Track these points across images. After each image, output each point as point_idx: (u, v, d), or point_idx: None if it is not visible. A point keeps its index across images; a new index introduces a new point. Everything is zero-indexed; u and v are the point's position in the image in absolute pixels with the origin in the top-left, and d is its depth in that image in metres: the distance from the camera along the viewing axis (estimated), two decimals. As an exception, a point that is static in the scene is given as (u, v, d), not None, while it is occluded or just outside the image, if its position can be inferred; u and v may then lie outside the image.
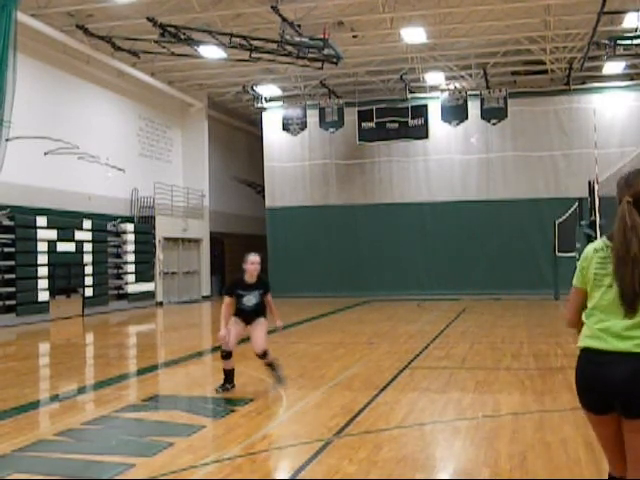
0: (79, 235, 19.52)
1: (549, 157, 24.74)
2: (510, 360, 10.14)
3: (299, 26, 18.05)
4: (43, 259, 17.98)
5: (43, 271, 17.94)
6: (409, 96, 25.21)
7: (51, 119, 19.13)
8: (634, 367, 2.98)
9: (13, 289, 17.03)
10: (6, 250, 16.98)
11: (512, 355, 10.63)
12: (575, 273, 3.28)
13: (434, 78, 24.50)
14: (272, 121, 26.71)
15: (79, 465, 5.28)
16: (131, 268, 22.02)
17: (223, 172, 28.52)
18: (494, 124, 24.34)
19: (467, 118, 24.28)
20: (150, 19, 17.54)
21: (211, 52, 19.83)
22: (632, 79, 24.58)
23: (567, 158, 24.49)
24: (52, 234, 18.36)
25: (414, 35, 19.53)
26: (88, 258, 19.84)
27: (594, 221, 12.55)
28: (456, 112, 24.32)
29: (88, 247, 19.88)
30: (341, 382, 8.47)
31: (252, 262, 7.69)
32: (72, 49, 19.43)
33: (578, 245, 14.01)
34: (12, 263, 17.14)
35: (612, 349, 3.03)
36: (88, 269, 19.80)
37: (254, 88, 25.73)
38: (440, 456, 5.51)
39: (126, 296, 21.74)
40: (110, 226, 21.31)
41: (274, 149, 27.04)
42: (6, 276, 16.97)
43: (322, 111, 25.37)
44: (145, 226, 23.02)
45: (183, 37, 18.43)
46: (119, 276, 21.76)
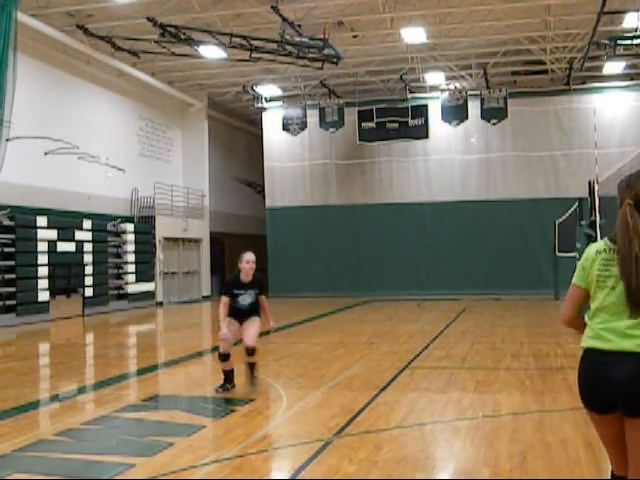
0: (79, 235, 19.53)
1: (549, 157, 24.74)
2: (510, 360, 10.14)
3: (299, 26, 18.05)
4: (43, 259, 17.98)
5: (43, 271, 17.95)
6: (409, 96, 25.21)
7: (51, 119, 19.13)
8: (636, 367, 3.00)
9: (13, 289, 17.03)
10: (6, 250, 16.98)
11: (512, 355, 10.63)
12: (575, 272, 3.29)
13: (434, 78, 24.49)
14: (272, 121, 26.71)
15: (79, 465, 5.28)
16: (131, 268, 22.03)
17: (223, 172, 28.53)
18: (494, 124, 24.34)
19: (467, 118, 24.29)
20: (150, 19, 17.55)
21: (211, 52, 19.84)
22: (632, 79, 24.58)
23: (567, 158, 24.49)
24: (52, 234, 18.37)
25: (414, 35, 19.54)
26: (88, 258, 19.85)
27: (594, 221, 12.53)
28: (456, 112, 24.32)
29: (88, 247, 19.89)
30: (341, 382, 8.47)
31: (247, 261, 7.65)
32: (72, 49, 19.44)
33: (578, 245, 14.00)
34: (12, 263, 17.15)
35: (615, 349, 3.05)
36: (88, 269, 19.81)
37: (254, 88, 25.73)
38: (440, 456, 5.51)
39: (126, 296, 21.74)
40: (110, 226, 21.32)
41: (274, 149, 27.05)
42: (6, 276, 16.97)
43: (322, 111, 25.38)
44: (145, 226, 23.02)
45: (183, 37, 18.44)
46: (119, 276, 21.77)
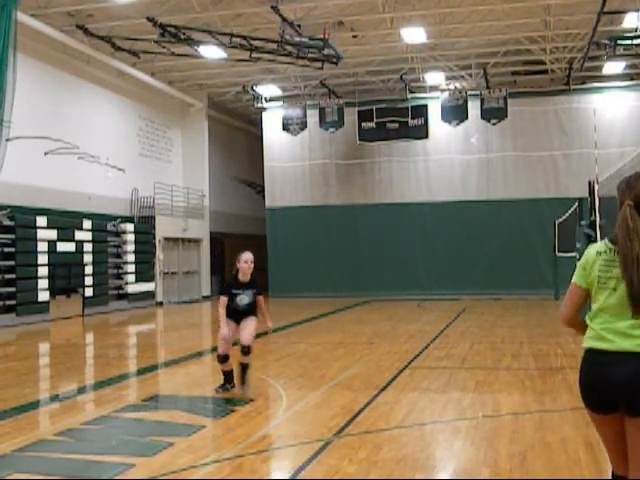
0: (79, 235, 19.53)
1: (549, 157, 24.74)
2: (510, 360, 10.14)
3: (299, 26, 18.05)
4: (43, 259, 17.98)
5: (43, 271, 17.95)
6: (409, 96, 25.21)
7: (51, 119, 19.13)
8: (637, 366, 3.01)
9: (13, 289, 17.03)
10: (6, 250, 16.98)
11: (512, 355, 10.63)
12: (576, 271, 3.29)
13: (434, 78, 24.49)
14: (272, 121, 26.71)
15: (79, 465, 5.28)
16: (131, 268, 22.02)
17: (223, 172, 28.53)
18: (494, 124, 24.34)
19: (467, 118, 24.28)
20: (150, 19, 17.55)
21: (211, 52, 19.83)
22: (632, 79, 24.58)
23: (567, 158, 24.49)
24: (52, 234, 18.37)
25: (414, 35, 19.54)
26: (88, 258, 19.84)
27: (594, 221, 12.53)
28: (456, 112, 24.31)
29: (88, 247, 19.88)
30: (341, 382, 8.47)
31: (245, 260, 7.59)
32: (72, 49, 19.44)
33: (578, 245, 13.97)
34: (12, 263, 17.15)
35: (616, 349, 3.07)
36: (88, 269, 19.81)
37: (254, 88, 25.73)
38: (440, 456, 5.51)
39: (126, 296, 21.74)
40: (110, 226, 21.31)
41: (274, 149, 27.05)
42: (6, 276, 16.97)
43: (322, 111, 25.38)
44: (145, 226, 23.02)
45: (183, 37, 18.44)
46: (119, 276, 21.77)
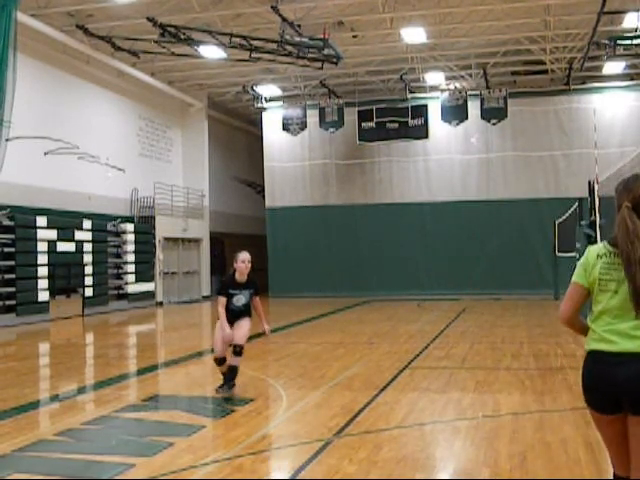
0: (79, 235, 19.52)
1: (549, 157, 24.74)
2: (510, 360, 10.14)
3: (299, 26, 18.05)
4: (43, 259, 17.98)
5: (43, 271, 17.95)
6: (409, 96, 25.21)
7: (51, 119, 19.13)
8: (638, 368, 3.03)
9: (13, 289, 17.03)
10: (6, 250, 16.98)
11: (512, 355, 10.63)
12: (576, 271, 3.29)
13: (434, 78, 24.49)
14: (272, 121, 26.71)
15: (79, 465, 5.28)
16: (131, 268, 22.02)
17: (223, 172, 28.53)
18: (494, 124, 24.34)
19: (467, 118, 24.28)
20: (150, 19, 17.55)
21: (211, 52, 19.83)
22: (632, 79, 24.57)
23: (567, 158, 24.49)
24: (52, 234, 18.37)
25: (414, 35, 19.53)
26: (88, 258, 19.84)
27: (594, 221, 12.54)
28: (456, 112, 24.31)
29: (88, 247, 19.88)
30: (341, 382, 8.47)
31: (243, 260, 7.54)
32: (72, 49, 19.43)
33: (578, 245, 13.99)
34: (12, 263, 17.15)
35: (620, 350, 3.08)
36: (88, 269, 19.81)
37: (254, 88, 25.72)
38: (440, 456, 5.51)
39: (126, 296, 21.74)
40: (110, 226, 21.31)
41: (274, 149, 27.04)
42: (6, 276, 16.97)
43: (322, 111, 25.37)
44: (145, 226, 23.02)
45: (183, 37, 18.44)
46: (119, 276, 21.76)
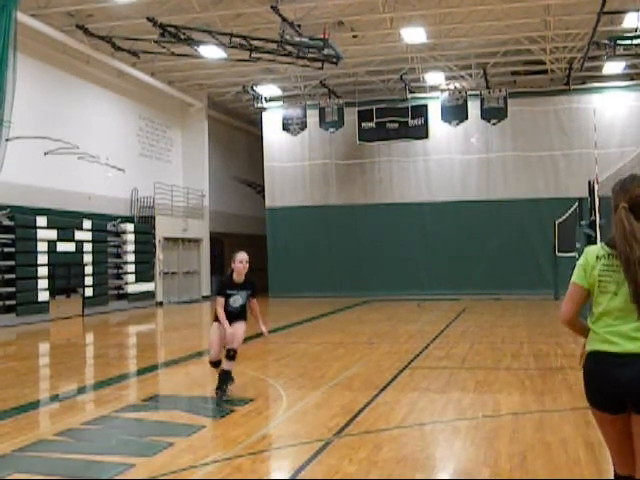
0: (79, 235, 19.52)
1: (549, 157, 24.74)
2: (510, 360, 10.14)
3: (299, 26, 18.05)
4: (43, 259, 17.98)
5: (43, 271, 17.95)
6: (409, 96, 25.21)
7: (51, 119, 19.13)
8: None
9: (13, 289, 17.03)
10: (6, 250, 16.98)
11: (512, 355, 10.63)
12: (575, 271, 3.29)
13: (434, 78, 24.49)
14: (272, 121, 26.71)
15: (79, 465, 5.28)
16: (131, 268, 22.02)
17: (223, 172, 28.53)
18: (494, 124, 24.33)
19: (467, 118, 24.28)
20: (150, 19, 17.55)
21: (211, 52, 19.83)
22: (632, 79, 24.57)
23: (567, 158, 24.49)
24: (52, 234, 18.37)
25: (414, 35, 19.53)
26: (88, 258, 19.84)
27: (594, 221, 12.54)
28: (456, 112, 24.31)
29: (88, 247, 19.88)
30: (341, 382, 8.47)
31: (240, 260, 7.48)
32: (72, 49, 19.43)
33: (578, 245, 13.99)
34: (12, 263, 17.15)
35: (622, 351, 3.09)
36: (88, 269, 19.81)
37: (254, 88, 25.72)
38: (440, 456, 5.51)
39: (126, 296, 21.74)
40: (110, 226, 21.31)
41: (274, 149, 27.04)
42: (6, 276, 16.97)
43: (322, 111, 25.37)
44: (145, 226, 23.02)
45: (183, 37, 18.43)
46: (119, 276, 21.76)
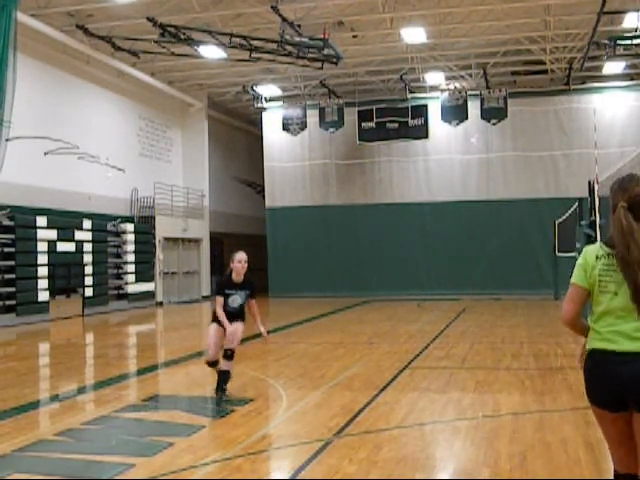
0: (79, 235, 19.52)
1: (549, 157, 24.74)
2: (510, 360, 10.13)
3: (299, 26, 18.04)
4: (43, 259, 17.98)
5: (43, 271, 17.94)
6: (409, 96, 25.20)
7: (51, 119, 19.13)
8: None
9: (13, 289, 17.02)
10: (6, 250, 16.97)
11: (512, 355, 10.63)
12: (575, 272, 3.29)
13: (434, 78, 24.49)
14: (272, 121, 26.71)
15: (79, 465, 5.28)
16: (131, 268, 22.02)
17: (223, 172, 28.53)
18: (494, 124, 24.33)
19: (467, 118, 24.28)
20: (150, 19, 17.55)
21: (211, 52, 19.83)
22: (632, 79, 24.57)
23: (567, 158, 24.49)
24: (52, 234, 18.36)
25: (414, 35, 19.53)
26: (88, 258, 19.84)
27: (594, 221, 12.55)
28: (456, 112, 24.31)
29: (88, 247, 19.88)
30: (341, 382, 8.47)
31: (239, 260, 7.45)
32: (72, 49, 19.43)
33: (578, 245, 13.99)
34: (12, 263, 17.14)
35: (623, 350, 3.10)
36: (88, 269, 19.80)
37: (254, 88, 25.72)
38: (440, 456, 5.51)
39: (126, 296, 21.74)
40: (110, 226, 21.31)
41: (274, 149, 27.04)
42: (6, 276, 16.96)
43: (322, 111, 25.37)
44: (145, 226, 23.02)
45: (183, 37, 18.43)
46: (119, 276, 21.76)
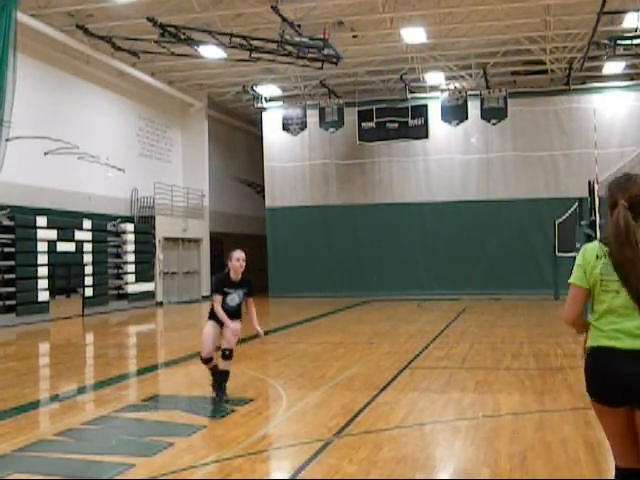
0: (79, 235, 19.52)
1: (549, 157, 24.73)
2: (510, 360, 10.13)
3: (299, 26, 18.04)
4: (43, 259, 17.97)
5: (43, 271, 17.94)
6: (409, 96, 25.20)
7: (51, 119, 19.13)
8: None
9: (13, 289, 17.02)
10: (6, 250, 16.97)
11: (512, 355, 10.63)
12: (574, 272, 3.29)
13: (434, 78, 24.48)
14: (272, 121, 26.71)
15: (79, 465, 5.28)
16: (131, 268, 22.01)
17: (223, 172, 28.52)
18: (494, 124, 24.33)
19: (467, 118, 24.27)
20: (150, 19, 17.54)
21: (211, 52, 19.82)
22: (632, 79, 24.57)
23: (567, 158, 24.48)
24: (52, 234, 18.36)
25: (414, 35, 19.53)
26: (88, 258, 19.83)
27: (594, 221, 12.55)
28: (456, 112, 24.31)
29: (88, 247, 19.87)
30: (341, 382, 8.47)
31: (237, 258, 7.45)
32: (72, 49, 19.43)
33: (578, 245, 14.00)
34: (12, 263, 17.14)
35: (626, 347, 3.11)
36: (88, 269, 19.80)
37: (254, 88, 25.72)
38: (440, 456, 5.51)
39: (126, 296, 21.73)
40: (110, 226, 21.31)
41: (274, 149, 27.04)
42: (6, 276, 16.96)
43: (322, 111, 25.37)
44: (145, 226, 23.02)
45: (183, 37, 18.43)
46: (119, 276, 21.76)
